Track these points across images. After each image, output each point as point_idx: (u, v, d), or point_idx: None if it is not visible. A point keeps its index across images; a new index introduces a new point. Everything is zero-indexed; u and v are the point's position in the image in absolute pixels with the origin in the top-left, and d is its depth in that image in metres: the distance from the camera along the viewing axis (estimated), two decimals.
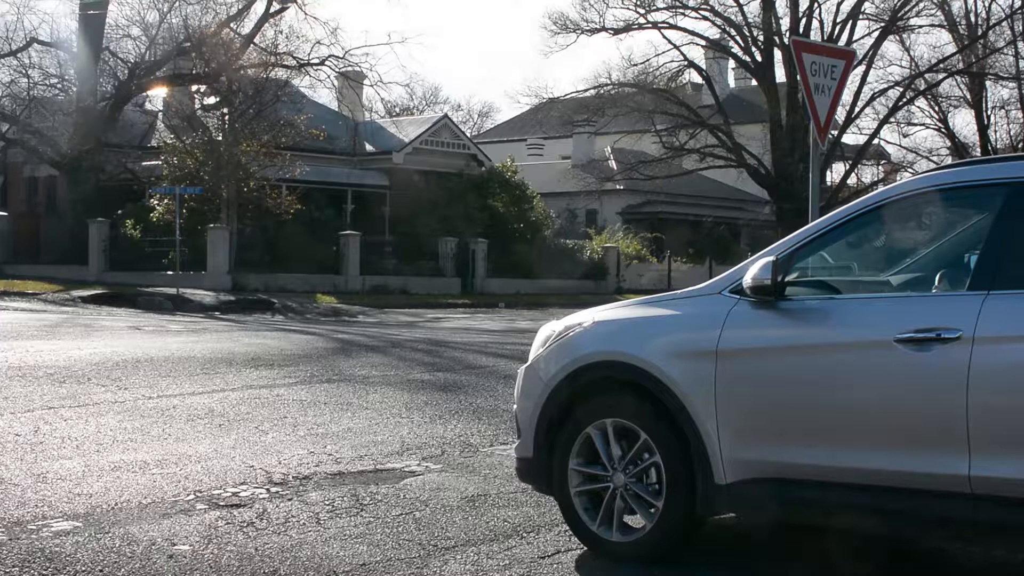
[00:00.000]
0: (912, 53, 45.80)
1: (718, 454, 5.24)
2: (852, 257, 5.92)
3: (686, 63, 40.89)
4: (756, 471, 5.19)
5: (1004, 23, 41.74)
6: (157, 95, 39.90)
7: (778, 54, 39.01)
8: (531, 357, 6.14)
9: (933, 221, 5.76)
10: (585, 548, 5.75)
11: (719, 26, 40.02)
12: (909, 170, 49.86)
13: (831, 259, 5.81)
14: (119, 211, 35.53)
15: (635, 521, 5.62)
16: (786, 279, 5.25)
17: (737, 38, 40.15)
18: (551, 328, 6.14)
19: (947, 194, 5.28)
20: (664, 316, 5.68)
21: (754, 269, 5.25)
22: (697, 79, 46.18)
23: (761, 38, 39.34)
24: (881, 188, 5.55)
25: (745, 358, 5.28)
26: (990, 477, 4.59)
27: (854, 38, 39.36)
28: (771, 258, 5.21)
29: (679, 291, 5.96)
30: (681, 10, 39.51)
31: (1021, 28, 41.62)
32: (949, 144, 49.16)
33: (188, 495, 6.84)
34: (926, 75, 41.79)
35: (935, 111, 47.55)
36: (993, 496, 4.60)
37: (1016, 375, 4.59)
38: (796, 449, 5.10)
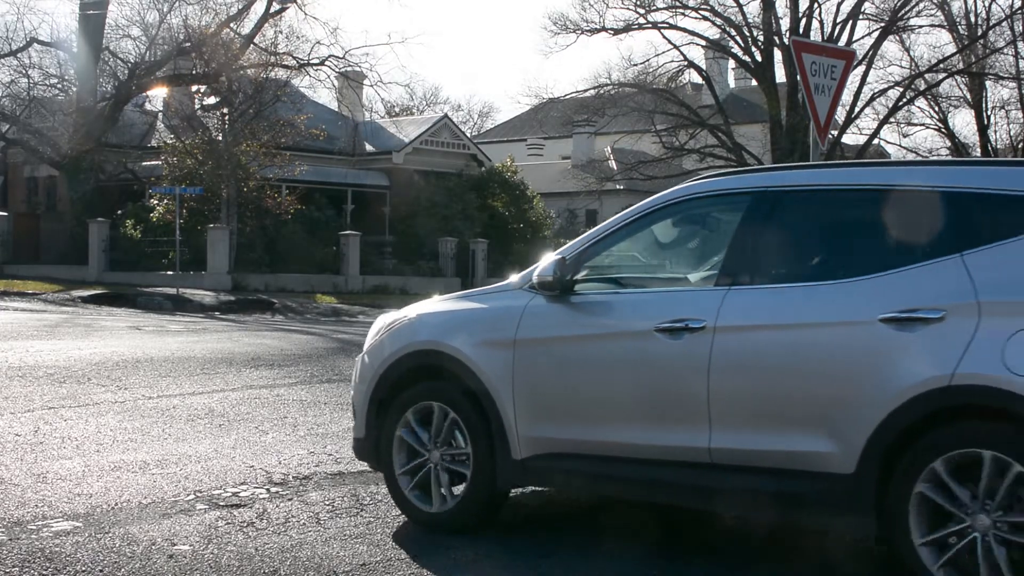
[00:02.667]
0: (912, 53, 45.93)
1: (514, 433, 5.85)
2: (648, 254, 6.46)
3: (686, 63, 40.87)
4: (544, 447, 5.80)
5: (1004, 23, 41.73)
6: (157, 95, 39.88)
7: (778, 54, 38.99)
8: (365, 346, 6.68)
9: (702, 223, 6.20)
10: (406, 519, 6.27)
11: (719, 26, 40.01)
12: None
13: (643, 257, 6.41)
14: (119, 211, 35.53)
15: (449, 494, 6.15)
16: (576, 276, 5.87)
17: (737, 38, 40.13)
18: (383, 320, 6.74)
19: (710, 200, 5.90)
20: (474, 309, 6.28)
21: (541, 267, 5.91)
22: (697, 79, 46.15)
23: (761, 38, 39.32)
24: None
25: (537, 347, 5.88)
26: (726, 448, 5.23)
27: (854, 38, 39.38)
28: (557, 257, 5.86)
29: (490, 287, 6.52)
30: (681, 10, 39.49)
31: (1021, 28, 41.62)
32: (949, 144, 49.17)
33: (188, 495, 6.85)
34: (926, 75, 41.78)
35: (935, 111, 47.57)
36: (728, 465, 5.23)
37: (747, 359, 5.20)
38: (576, 427, 5.71)
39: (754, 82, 44.08)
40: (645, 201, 6.00)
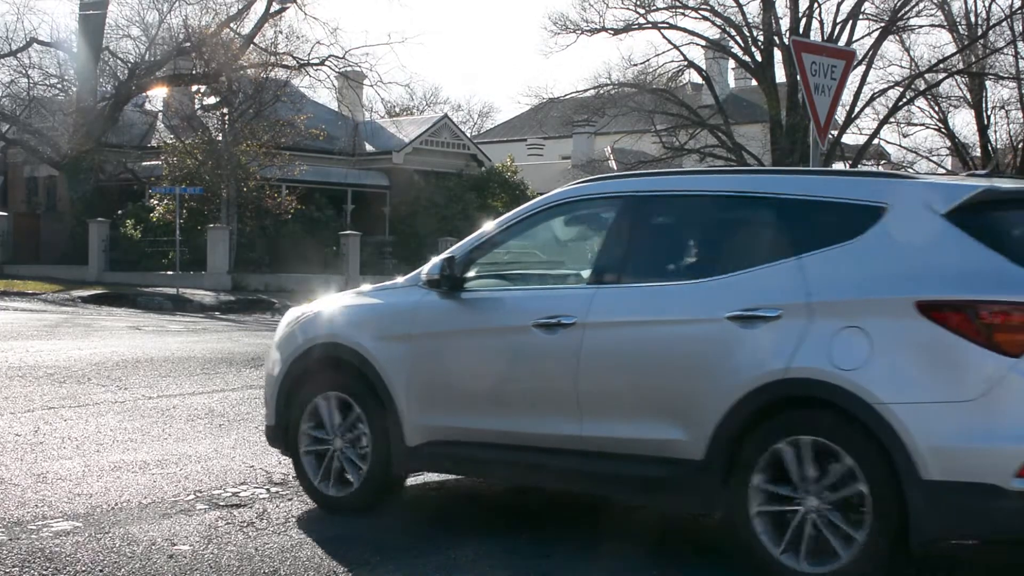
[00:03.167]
0: (912, 53, 45.80)
1: (408, 421, 6.17)
2: (534, 253, 6.82)
3: (686, 63, 40.84)
4: (435, 435, 6.14)
5: (1004, 23, 41.71)
6: (157, 95, 39.85)
7: (778, 54, 38.97)
8: (275, 338, 6.99)
9: (582, 225, 6.49)
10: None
11: (719, 26, 39.98)
12: (909, 170, 49.90)
13: (528, 255, 6.77)
14: (119, 211, 35.52)
15: (354, 478, 6.45)
16: (466, 273, 6.21)
17: (737, 38, 40.11)
18: (292, 313, 7.06)
19: (587, 203, 6.24)
20: (374, 304, 6.58)
21: (429, 266, 6.28)
22: (697, 79, 46.13)
23: (761, 38, 39.30)
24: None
25: (428, 340, 6.22)
26: (595, 436, 5.58)
27: (854, 38, 39.32)
28: (445, 256, 6.21)
29: (390, 283, 6.78)
30: (681, 10, 39.45)
31: (1021, 28, 41.60)
32: (949, 144, 49.15)
33: (188, 495, 6.85)
34: (926, 75, 41.76)
35: (935, 111, 47.53)
36: (597, 451, 5.58)
37: (612, 353, 5.57)
38: (463, 416, 6.06)
39: (754, 82, 44.08)
40: (529, 203, 6.38)
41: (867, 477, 4.83)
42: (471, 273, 6.27)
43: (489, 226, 6.43)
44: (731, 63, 47.53)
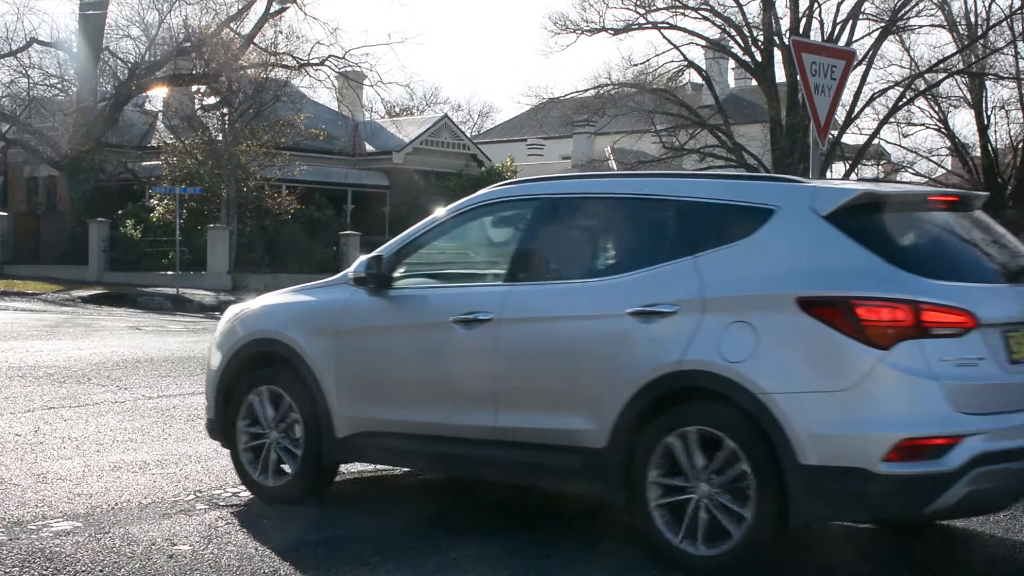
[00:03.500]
0: (912, 53, 45.72)
1: (337, 414, 6.45)
2: (458, 252, 7.05)
3: (686, 63, 40.82)
4: (362, 427, 6.41)
5: (1004, 23, 41.69)
6: (157, 95, 39.83)
7: (778, 54, 38.95)
8: (216, 334, 7.24)
9: (503, 225, 6.67)
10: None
11: (719, 26, 39.95)
12: (909, 170, 49.89)
13: (453, 254, 7.01)
14: (119, 211, 35.51)
15: (290, 468, 6.71)
16: (394, 272, 6.46)
17: (737, 38, 40.09)
18: (232, 310, 7.34)
19: (506, 204, 6.49)
20: (306, 301, 6.86)
21: (355, 264, 6.54)
22: (697, 79, 46.11)
23: (761, 38, 39.29)
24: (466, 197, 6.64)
25: (356, 336, 6.49)
26: (509, 427, 5.85)
27: (854, 38, 39.29)
28: (372, 255, 6.45)
29: (323, 280, 7.03)
30: (681, 10, 39.43)
31: (1021, 28, 41.58)
32: (949, 144, 49.12)
33: (188, 495, 6.85)
34: (926, 75, 41.73)
35: (935, 111, 47.48)
36: (511, 441, 5.85)
37: (524, 347, 5.85)
38: (389, 408, 6.34)
39: (754, 82, 44.06)
40: (454, 204, 6.65)
41: (752, 464, 5.10)
42: (400, 271, 6.54)
43: (416, 226, 6.72)
44: (731, 63, 47.51)
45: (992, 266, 5.59)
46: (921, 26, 45.08)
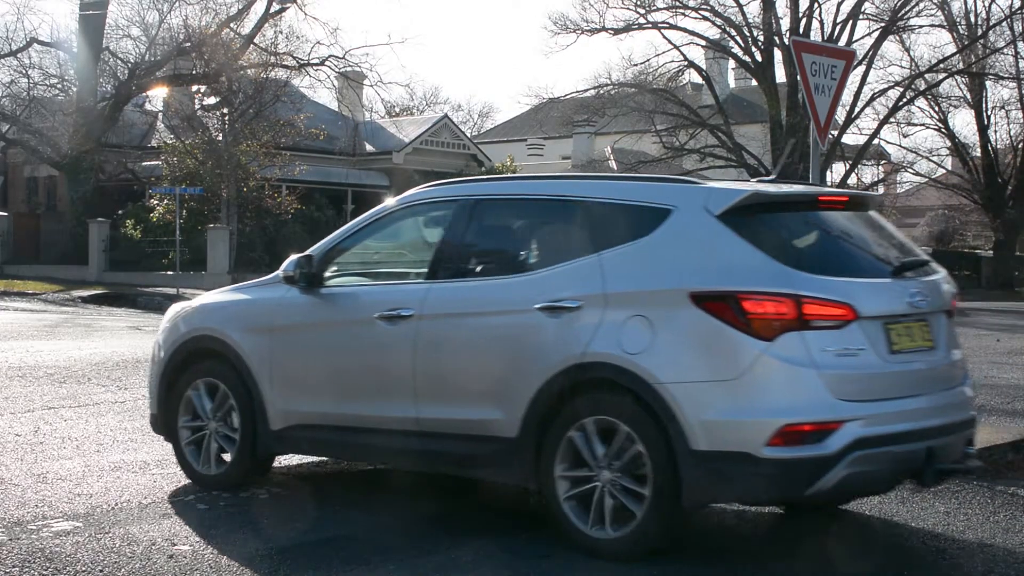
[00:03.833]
0: (912, 53, 45.80)
1: (271, 407, 6.72)
2: (386, 250, 7.37)
3: (686, 63, 40.84)
4: (295, 419, 6.68)
5: (1004, 23, 41.71)
6: (157, 95, 39.85)
7: (778, 54, 38.96)
8: (159, 331, 7.50)
9: (427, 225, 6.90)
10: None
11: (719, 26, 39.97)
12: (909, 170, 49.90)
13: (381, 253, 7.31)
14: (119, 211, 35.52)
15: (225, 458, 7.02)
16: (325, 270, 6.73)
17: (737, 38, 40.10)
18: (174, 308, 7.62)
19: (429, 205, 6.75)
20: (243, 299, 7.15)
21: (285, 263, 6.78)
22: (697, 79, 46.11)
23: (761, 38, 39.29)
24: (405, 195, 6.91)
25: (288, 332, 6.77)
26: (429, 418, 6.13)
27: (854, 38, 39.31)
28: (302, 255, 6.73)
29: (259, 279, 7.31)
30: (681, 10, 39.45)
31: (1021, 28, 41.59)
32: (949, 144, 49.11)
33: (188, 495, 6.85)
34: (926, 75, 41.74)
35: (935, 111, 47.51)
36: (431, 432, 6.13)
37: (442, 342, 6.12)
38: (319, 401, 6.61)
39: (754, 82, 44.04)
40: (380, 205, 6.91)
41: (649, 450, 5.39)
42: (331, 270, 6.82)
43: (346, 226, 6.99)
44: (731, 63, 47.50)
45: (876, 262, 5.87)
46: (921, 26, 45.16)
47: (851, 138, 45.81)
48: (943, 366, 5.85)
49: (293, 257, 6.79)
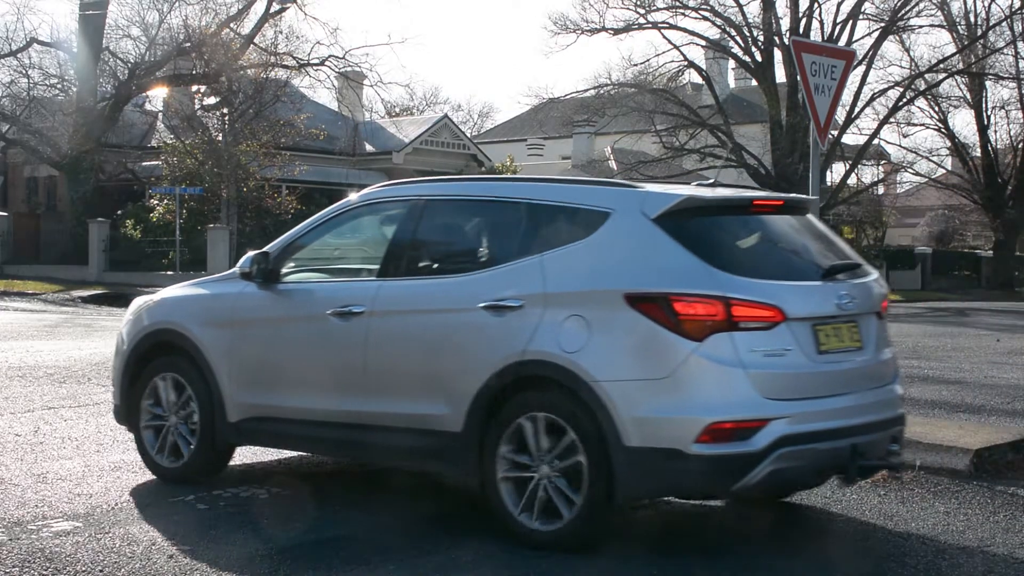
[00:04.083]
0: (912, 53, 45.85)
1: (229, 400, 6.90)
2: (341, 248, 7.50)
3: (686, 63, 40.84)
4: (251, 412, 6.86)
5: (1004, 23, 41.73)
6: (157, 95, 39.87)
7: (778, 54, 38.97)
8: (123, 324, 7.67)
9: (381, 224, 7.04)
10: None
11: (719, 26, 39.98)
12: (909, 170, 49.91)
13: (336, 250, 7.47)
14: (119, 211, 35.51)
15: (186, 451, 7.15)
16: (282, 267, 6.94)
17: (737, 38, 40.10)
18: (137, 302, 7.75)
19: (382, 205, 6.95)
20: (202, 294, 7.34)
21: (242, 260, 6.99)
22: (697, 79, 46.12)
23: (761, 38, 39.30)
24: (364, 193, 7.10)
25: (246, 327, 6.95)
26: (379, 412, 6.30)
27: (854, 38, 39.34)
28: (258, 251, 7.00)
29: (219, 274, 7.53)
30: (681, 10, 39.45)
31: (1021, 28, 41.61)
32: (949, 144, 49.12)
33: (188, 495, 6.84)
34: (926, 75, 41.76)
35: (935, 111, 47.54)
36: (381, 425, 6.30)
37: (391, 338, 6.30)
38: (274, 395, 6.78)
39: (754, 82, 44.04)
40: (335, 205, 7.11)
41: (584, 445, 5.55)
42: (289, 267, 7.02)
43: (302, 224, 7.19)
44: (731, 63, 47.50)
45: (807, 265, 6.03)
46: (921, 26, 45.18)
47: (851, 138, 45.90)
48: (871, 366, 6.02)
49: (250, 253, 7.00)
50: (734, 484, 5.43)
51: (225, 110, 34.09)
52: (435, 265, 6.57)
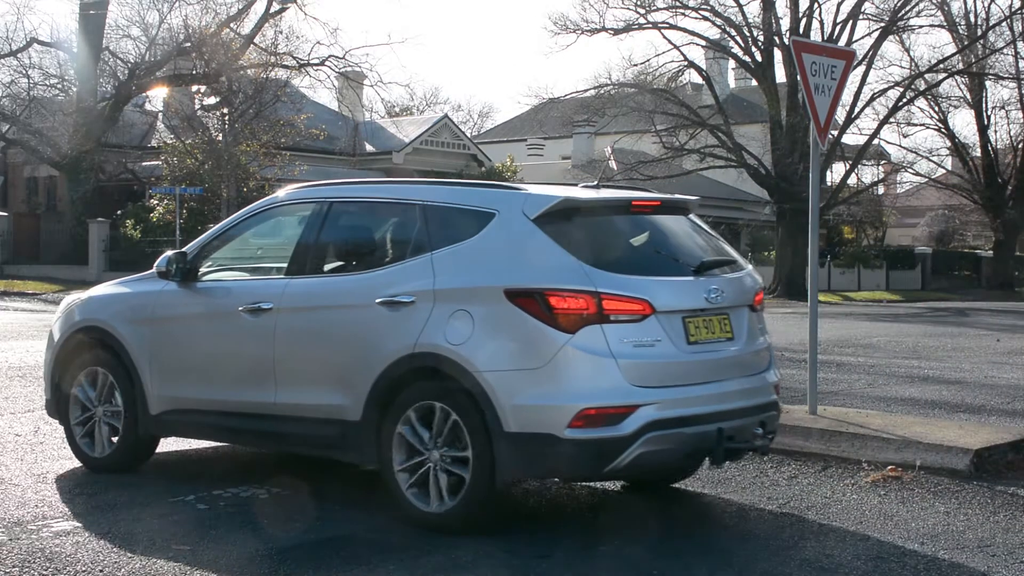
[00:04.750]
0: (912, 53, 45.89)
1: (150, 393, 7.24)
2: (257, 247, 7.84)
3: (686, 63, 40.83)
4: (171, 404, 7.20)
5: (1004, 23, 41.73)
6: (157, 95, 39.91)
7: (778, 54, 38.98)
8: (53, 321, 7.96)
9: (292, 224, 7.31)
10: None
11: (719, 26, 39.97)
12: (909, 170, 49.93)
13: (252, 250, 7.77)
14: (119, 211, 35.53)
15: (108, 442, 7.46)
16: (200, 265, 7.25)
17: (737, 38, 40.10)
18: (67, 299, 8.07)
19: (292, 206, 7.29)
20: (126, 292, 7.65)
21: (159, 259, 7.34)
22: (697, 79, 46.11)
23: (761, 38, 39.30)
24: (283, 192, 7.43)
25: (165, 323, 7.29)
26: (286, 403, 6.65)
27: (854, 38, 39.33)
28: (175, 251, 7.33)
29: (142, 274, 7.77)
30: (681, 10, 39.45)
31: (1021, 28, 41.62)
32: (949, 144, 49.14)
33: (188, 495, 6.85)
34: (926, 75, 41.76)
35: (935, 111, 47.56)
36: (290, 416, 6.65)
37: (296, 333, 6.65)
38: (191, 387, 7.12)
39: (754, 82, 44.05)
40: (250, 206, 7.48)
41: (469, 431, 5.91)
42: (206, 266, 7.33)
43: (219, 225, 7.55)
44: (731, 63, 47.52)
45: (680, 262, 6.37)
46: (921, 26, 45.23)
47: (851, 138, 45.95)
48: (743, 355, 6.40)
49: (167, 253, 7.34)
50: (606, 466, 5.78)
51: (225, 110, 34.11)
52: (337, 264, 6.95)
